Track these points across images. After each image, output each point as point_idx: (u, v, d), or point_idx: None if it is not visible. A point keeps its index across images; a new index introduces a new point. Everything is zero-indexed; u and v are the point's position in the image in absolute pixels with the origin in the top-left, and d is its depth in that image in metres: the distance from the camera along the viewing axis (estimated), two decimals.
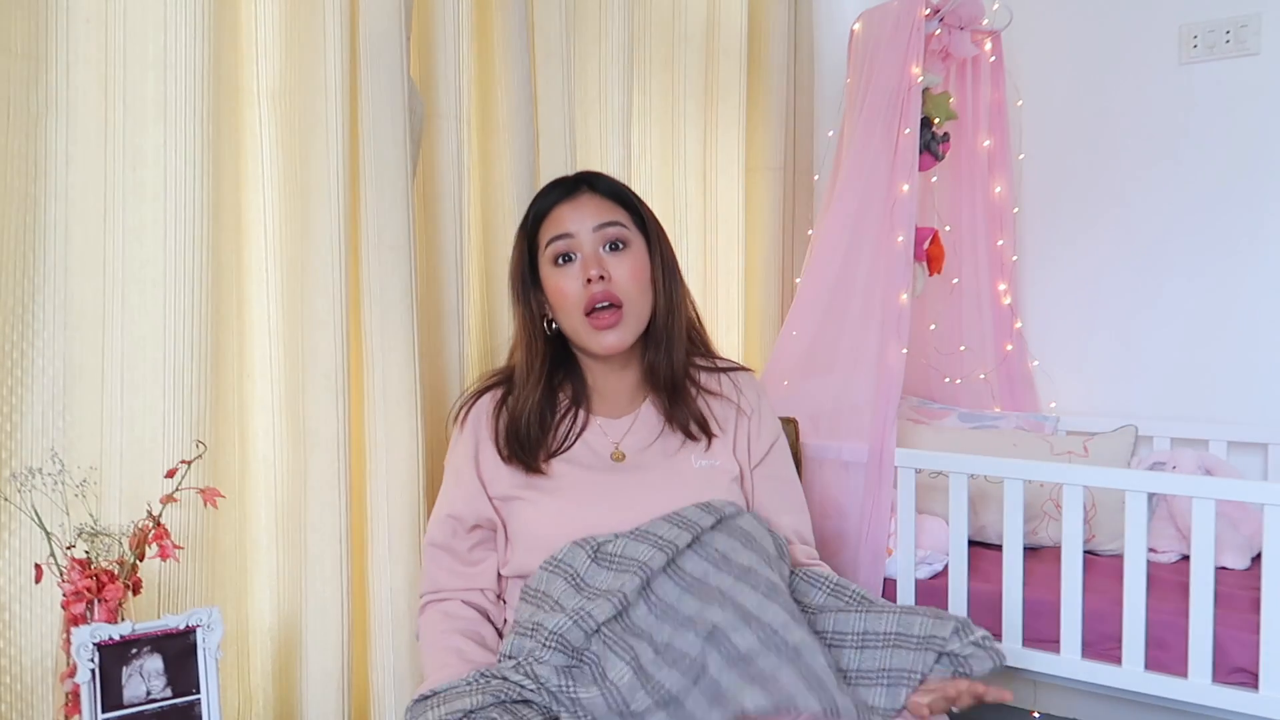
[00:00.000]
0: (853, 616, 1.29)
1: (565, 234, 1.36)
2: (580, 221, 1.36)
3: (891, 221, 2.11)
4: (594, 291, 1.33)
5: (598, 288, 1.33)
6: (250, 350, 1.52)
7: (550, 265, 1.37)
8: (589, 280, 1.33)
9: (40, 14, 1.27)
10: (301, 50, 1.47)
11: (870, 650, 1.27)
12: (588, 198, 1.39)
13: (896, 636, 1.26)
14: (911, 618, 1.27)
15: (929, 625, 1.27)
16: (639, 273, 1.37)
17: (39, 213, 1.28)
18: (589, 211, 1.37)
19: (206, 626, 1.24)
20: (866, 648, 1.27)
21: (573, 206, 1.37)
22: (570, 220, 1.36)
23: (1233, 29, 2.42)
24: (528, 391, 1.38)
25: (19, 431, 1.27)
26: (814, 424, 2.07)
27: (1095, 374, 2.64)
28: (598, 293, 1.34)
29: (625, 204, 1.41)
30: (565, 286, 1.35)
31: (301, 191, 1.47)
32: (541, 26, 1.84)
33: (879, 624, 1.28)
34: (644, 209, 1.43)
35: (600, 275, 1.34)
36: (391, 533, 1.52)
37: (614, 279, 1.35)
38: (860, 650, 1.27)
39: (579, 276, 1.34)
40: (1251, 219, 2.42)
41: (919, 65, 2.13)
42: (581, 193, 1.39)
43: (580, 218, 1.36)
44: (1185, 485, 1.79)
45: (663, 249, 1.42)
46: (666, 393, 1.41)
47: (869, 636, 1.28)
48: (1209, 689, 1.70)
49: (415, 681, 1.53)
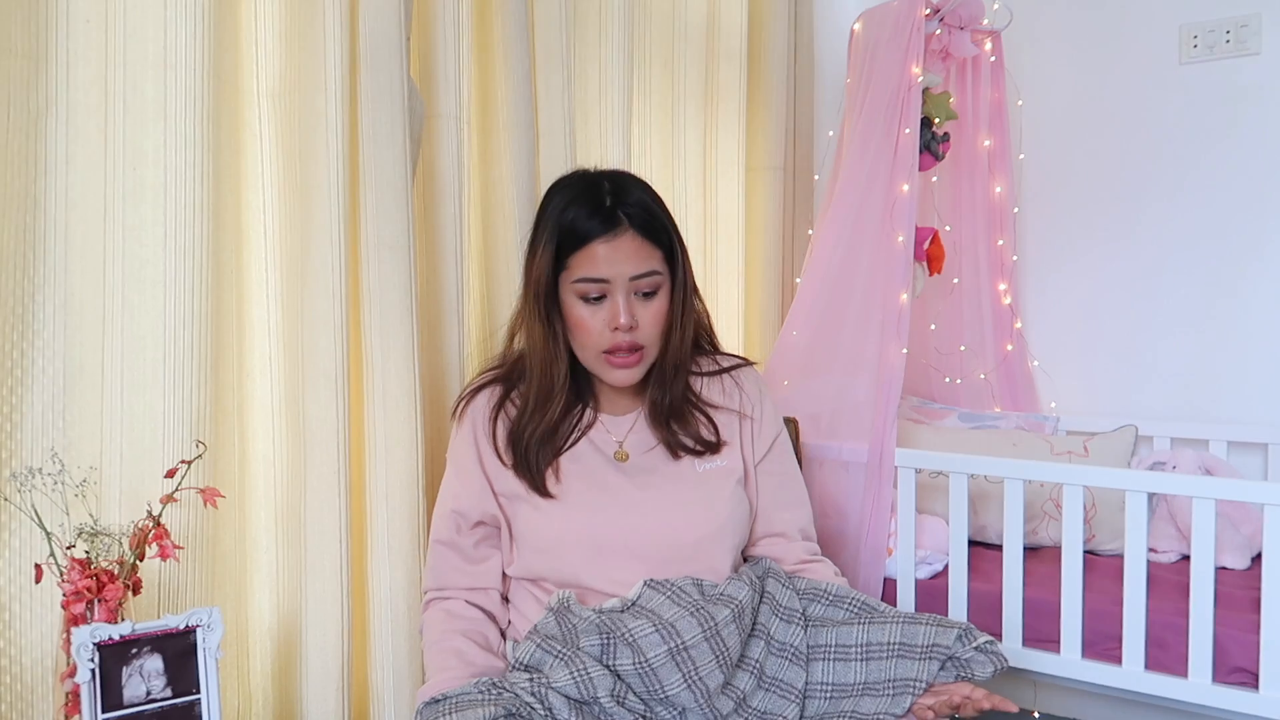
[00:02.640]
0: (855, 629, 1.30)
1: (601, 279, 1.31)
2: (617, 267, 1.31)
3: (891, 221, 2.11)
4: (620, 339, 1.33)
5: (624, 337, 1.33)
6: (250, 350, 1.52)
7: (576, 297, 1.34)
8: (616, 328, 1.32)
9: (40, 14, 1.27)
10: (301, 50, 1.47)
11: (875, 661, 1.27)
12: (628, 239, 1.32)
13: (900, 646, 1.27)
14: (915, 627, 1.28)
15: (932, 634, 1.27)
16: (661, 317, 1.36)
17: (39, 213, 1.28)
18: (627, 256, 1.32)
19: (206, 626, 1.24)
20: (871, 659, 1.28)
21: (611, 248, 1.31)
22: (607, 264, 1.31)
23: (1233, 29, 2.42)
24: (548, 411, 1.37)
25: (19, 431, 1.27)
26: (814, 424, 2.07)
27: (1095, 374, 2.64)
28: (624, 341, 1.33)
29: (661, 242, 1.36)
30: (590, 324, 1.33)
31: (301, 191, 1.47)
32: (541, 26, 1.84)
33: (882, 634, 1.28)
34: (676, 238, 1.38)
35: (631, 326, 1.33)
36: (391, 533, 1.52)
37: (639, 326, 1.34)
38: (865, 662, 1.28)
39: (606, 319, 1.32)
40: (1252, 218, 2.42)
41: (919, 65, 2.13)
42: (622, 233, 1.32)
43: (618, 261, 1.31)
44: (1185, 485, 1.79)
45: (685, 273, 1.39)
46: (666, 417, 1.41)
47: (872, 648, 1.28)
48: (1209, 689, 1.70)
49: (415, 681, 1.53)
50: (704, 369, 1.48)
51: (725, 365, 1.50)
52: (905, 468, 2.01)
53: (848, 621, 1.31)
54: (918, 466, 2.02)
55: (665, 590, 1.29)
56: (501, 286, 1.79)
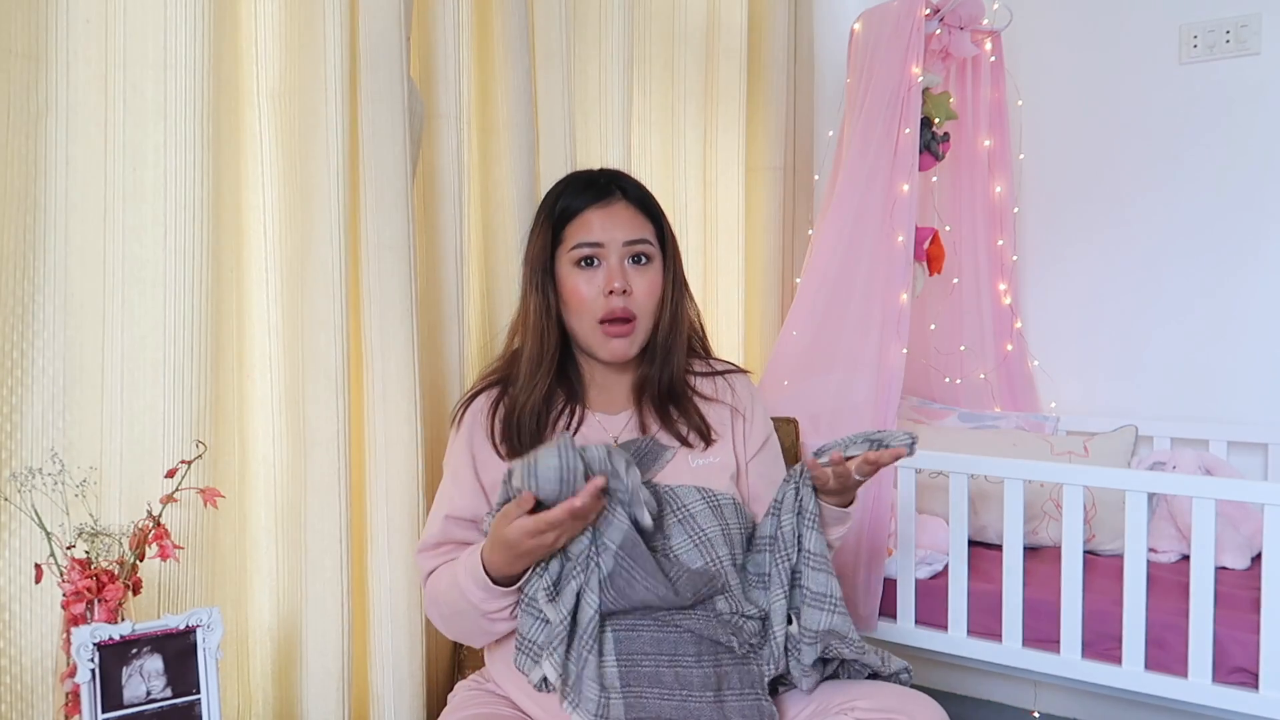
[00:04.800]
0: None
1: (596, 242, 1.36)
2: (612, 232, 1.37)
3: (891, 221, 2.11)
4: (614, 304, 1.35)
5: (619, 301, 1.35)
6: (250, 350, 1.52)
7: (571, 265, 1.37)
8: (611, 291, 1.35)
9: (40, 14, 1.27)
10: (301, 50, 1.47)
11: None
12: (621, 207, 1.39)
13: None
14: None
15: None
16: (655, 289, 1.39)
17: (39, 213, 1.28)
18: (622, 223, 1.38)
19: (206, 626, 1.24)
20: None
21: (606, 214, 1.38)
22: (601, 229, 1.37)
23: (1233, 29, 2.42)
24: (538, 379, 1.38)
25: (19, 431, 1.27)
26: (814, 424, 2.07)
27: (1095, 374, 2.64)
28: (618, 306, 1.35)
29: (652, 217, 1.42)
30: (584, 290, 1.36)
31: (301, 191, 1.47)
32: (541, 27, 1.84)
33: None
34: (665, 223, 1.45)
35: (624, 290, 1.36)
36: (391, 533, 1.52)
37: (633, 293, 1.37)
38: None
39: (601, 284, 1.36)
40: (1251, 219, 2.42)
41: (919, 65, 2.13)
42: (615, 200, 1.39)
43: (612, 228, 1.37)
44: (1185, 485, 1.79)
45: (675, 264, 1.44)
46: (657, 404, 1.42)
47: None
48: (1209, 689, 1.70)
49: (415, 681, 1.53)
50: (697, 370, 1.49)
51: (719, 369, 1.51)
52: (905, 468, 2.01)
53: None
54: (918, 466, 2.02)
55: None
56: (501, 287, 1.79)
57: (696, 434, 1.42)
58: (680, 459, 1.40)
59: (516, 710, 1.31)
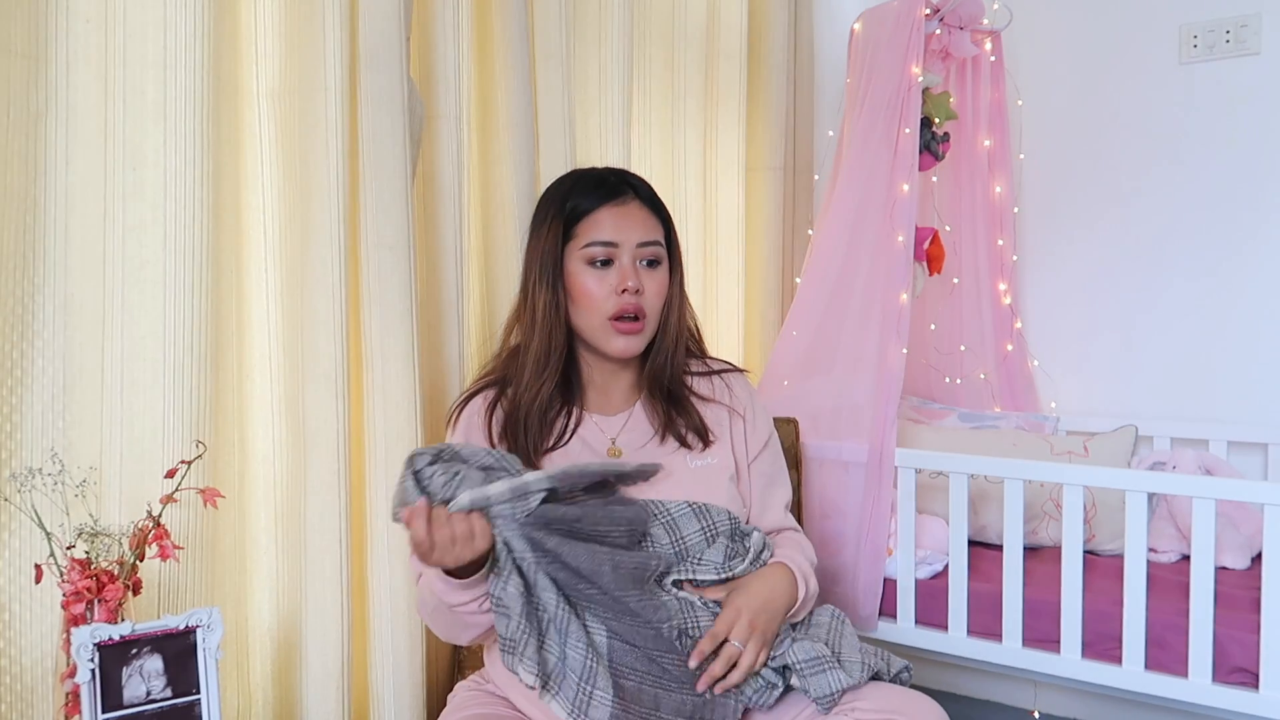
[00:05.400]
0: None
1: (610, 242, 1.38)
2: (626, 233, 1.38)
3: (891, 221, 2.11)
4: (626, 303, 1.37)
5: (630, 300, 1.37)
6: (250, 350, 1.52)
7: (583, 263, 1.38)
8: (624, 290, 1.37)
9: (40, 14, 1.27)
10: (301, 51, 1.47)
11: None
12: (635, 207, 1.41)
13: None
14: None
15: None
16: (663, 291, 1.42)
17: (39, 213, 1.28)
18: (635, 224, 1.39)
19: (206, 627, 1.24)
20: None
21: (620, 214, 1.39)
22: (615, 229, 1.38)
23: (1233, 29, 2.42)
24: (545, 377, 1.38)
25: (19, 431, 1.27)
26: (814, 424, 2.07)
27: (1095, 374, 2.64)
28: (629, 305, 1.37)
29: (661, 218, 1.44)
30: (595, 289, 1.37)
31: (301, 191, 1.47)
32: (541, 27, 1.84)
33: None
34: (672, 224, 1.47)
35: (637, 289, 1.38)
36: (391, 533, 1.52)
37: (644, 292, 1.39)
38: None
39: (614, 283, 1.37)
40: (1252, 219, 2.42)
41: (919, 65, 2.13)
42: (629, 199, 1.41)
43: (626, 228, 1.38)
44: (1185, 485, 1.79)
45: (680, 275, 1.46)
46: (663, 400, 1.43)
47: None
48: (1209, 689, 1.70)
49: (415, 682, 1.53)
50: (694, 370, 1.49)
51: (716, 368, 1.51)
52: (905, 468, 2.01)
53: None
54: (918, 466, 2.02)
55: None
56: (501, 287, 1.79)
57: (695, 434, 1.42)
58: (679, 460, 1.40)
59: (516, 711, 1.31)
